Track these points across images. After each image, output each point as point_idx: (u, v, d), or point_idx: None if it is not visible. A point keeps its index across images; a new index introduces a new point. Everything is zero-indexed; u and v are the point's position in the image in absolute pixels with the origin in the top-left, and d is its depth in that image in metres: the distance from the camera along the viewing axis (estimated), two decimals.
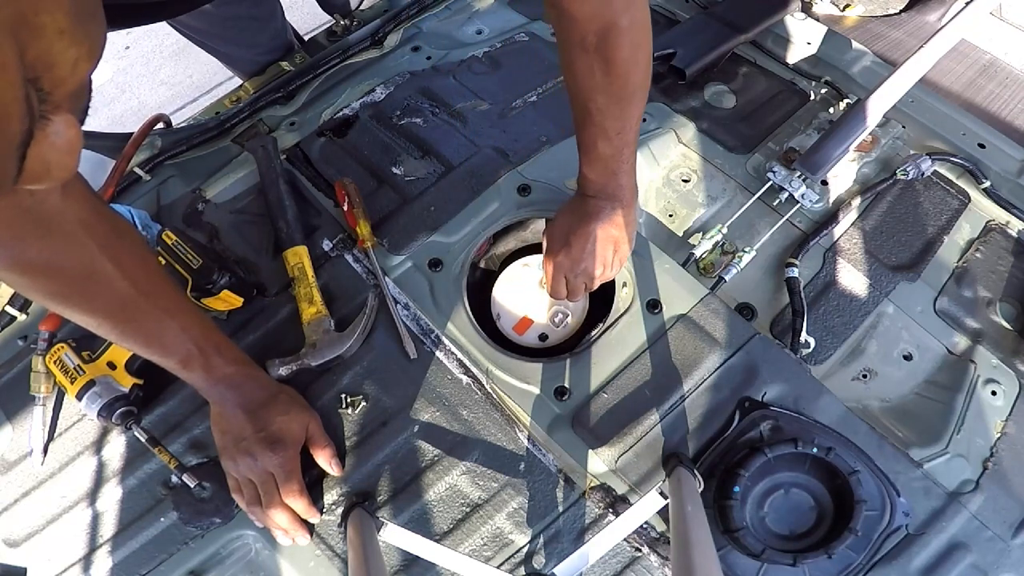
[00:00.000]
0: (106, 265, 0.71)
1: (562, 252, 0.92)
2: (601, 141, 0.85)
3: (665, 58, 1.21)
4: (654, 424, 0.87)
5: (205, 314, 0.92)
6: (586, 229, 0.90)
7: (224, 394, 0.84)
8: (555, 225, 0.94)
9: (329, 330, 0.95)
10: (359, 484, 0.89)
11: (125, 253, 0.73)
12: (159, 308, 0.77)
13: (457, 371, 0.95)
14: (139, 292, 0.74)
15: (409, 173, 1.12)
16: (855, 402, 0.94)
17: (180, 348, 0.80)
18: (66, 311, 0.72)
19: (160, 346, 0.79)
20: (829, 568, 0.80)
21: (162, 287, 0.78)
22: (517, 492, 0.88)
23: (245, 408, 0.84)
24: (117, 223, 0.74)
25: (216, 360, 0.82)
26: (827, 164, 1.06)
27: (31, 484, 0.93)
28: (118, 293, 0.73)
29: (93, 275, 0.70)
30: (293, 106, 1.25)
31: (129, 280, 0.73)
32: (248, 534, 0.87)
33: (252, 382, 0.86)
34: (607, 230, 0.91)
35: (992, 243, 1.08)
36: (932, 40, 1.11)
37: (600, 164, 0.88)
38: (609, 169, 0.88)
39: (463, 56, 1.29)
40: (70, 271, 0.69)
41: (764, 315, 1.00)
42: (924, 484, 0.85)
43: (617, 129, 0.84)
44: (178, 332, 0.79)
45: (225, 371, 0.83)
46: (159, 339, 0.79)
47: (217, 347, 0.83)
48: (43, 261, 0.66)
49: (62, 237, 0.67)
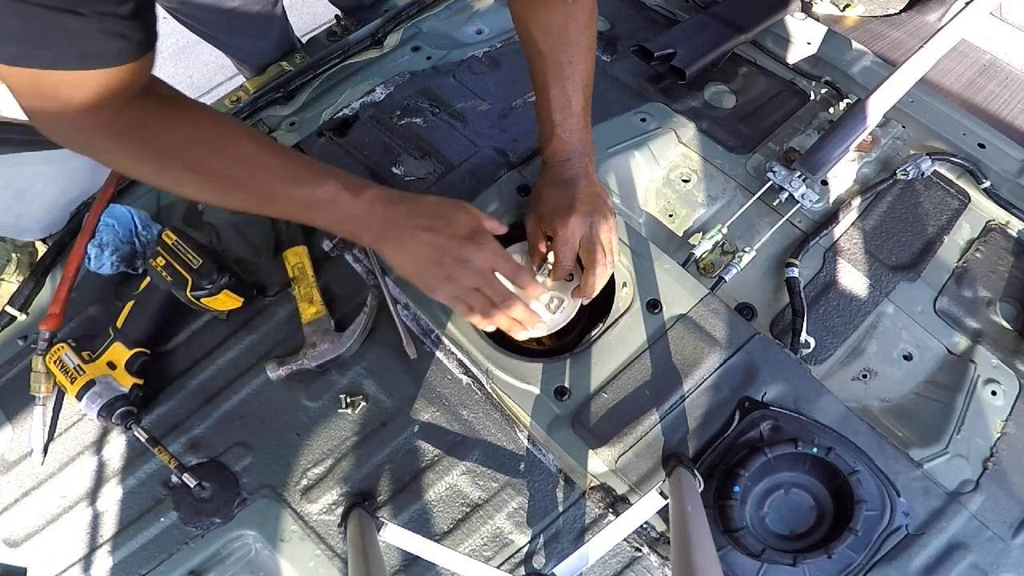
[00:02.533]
0: (231, 125, 0.77)
1: (568, 224, 0.88)
2: (575, 96, 0.88)
3: (665, 58, 1.21)
4: (654, 424, 0.87)
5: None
6: (579, 193, 0.89)
7: (388, 213, 0.79)
8: (543, 202, 0.91)
9: (329, 330, 0.95)
10: (359, 484, 0.89)
11: (234, 123, 0.79)
12: (288, 153, 0.79)
13: (457, 371, 0.95)
14: (263, 143, 0.77)
15: (409, 173, 1.12)
16: (855, 402, 0.94)
17: (320, 179, 0.77)
18: (203, 175, 0.75)
19: (298, 182, 0.77)
20: (829, 568, 0.80)
21: (279, 144, 0.81)
22: (517, 492, 0.88)
23: (418, 219, 0.80)
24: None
25: (356, 184, 0.79)
26: (827, 164, 1.06)
27: (31, 484, 0.93)
28: (246, 143, 0.76)
29: (222, 134, 0.75)
30: (293, 106, 1.25)
31: (251, 135, 0.78)
32: (248, 534, 0.88)
33: (400, 192, 0.82)
34: (593, 187, 0.91)
35: (992, 243, 1.08)
36: (932, 40, 1.11)
37: (573, 120, 0.89)
38: (581, 123, 0.90)
39: (463, 56, 1.29)
40: (203, 137, 0.74)
41: (764, 315, 1.00)
42: (924, 484, 0.85)
43: (586, 81, 0.88)
44: (313, 166, 0.79)
45: (373, 190, 0.79)
46: (295, 176, 0.77)
47: (349, 176, 0.79)
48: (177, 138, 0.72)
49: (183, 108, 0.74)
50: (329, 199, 0.77)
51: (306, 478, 0.90)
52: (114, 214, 1.03)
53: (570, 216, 0.88)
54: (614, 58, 1.30)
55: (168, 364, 0.99)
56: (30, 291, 1.04)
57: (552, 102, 0.89)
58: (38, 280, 1.05)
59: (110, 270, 1.02)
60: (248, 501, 0.89)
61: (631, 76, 1.26)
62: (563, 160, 0.91)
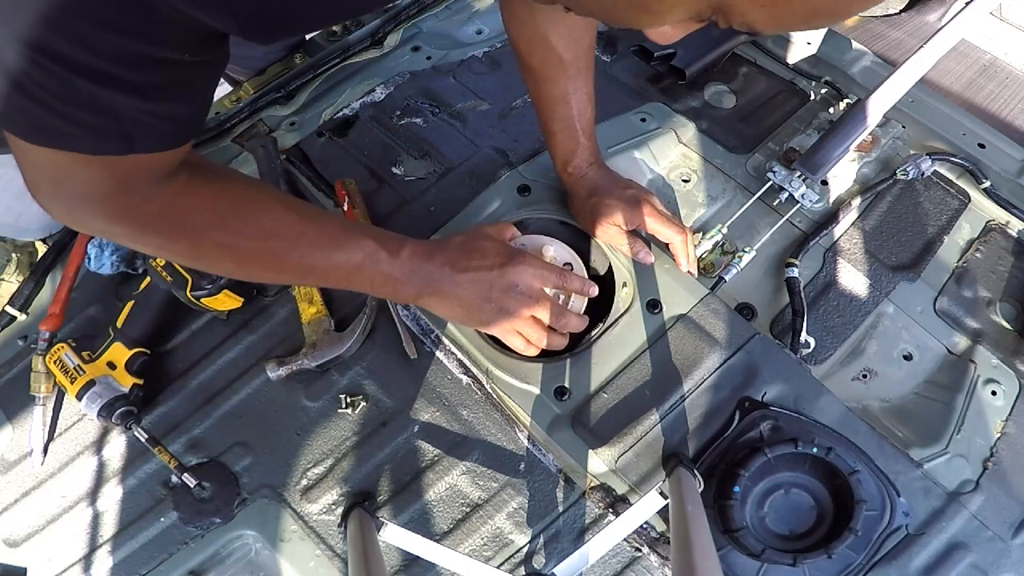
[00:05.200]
0: (263, 191, 0.75)
1: (631, 215, 0.93)
2: (591, 108, 0.92)
3: (665, 58, 1.21)
4: (654, 424, 0.87)
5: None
6: (625, 190, 0.96)
7: (427, 268, 0.80)
8: (605, 215, 0.94)
9: (329, 330, 0.95)
10: (359, 484, 0.89)
11: (265, 189, 0.78)
12: (321, 216, 0.77)
13: (457, 371, 0.95)
14: (296, 209, 0.74)
15: (409, 173, 1.12)
16: (855, 402, 0.94)
17: (358, 242, 0.76)
18: (239, 250, 0.71)
19: (337, 247, 0.75)
20: (829, 568, 0.80)
21: (309, 207, 0.79)
22: (517, 492, 0.88)
23: (455, 263, 0.81)
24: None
25: (393, 242, 0.79)
26: (827, 164, 1.05)
27: (31, 484, 0.93)
28: (280, 213, 0.73)
29: (254, 202, 0.71)
30: (293, 106, 1.25)
31: (284, 202, 0.75)
32: (248, 534, 0.88)
33: (432, 244, 0.83)
34: (617, 175, 0.99)
35: (992, 243, 1.08)
36: (932, 40, 1.11)
37: (590, 126, 0.94)
38: (593, 126, 0.95)
39: (463, 56, 1.29)
40: (235, 206, 0.69)
41: (764, 315, 1.00)
42: (924, 484, 0.85)
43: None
44: (348, 228, 0.78)
45: (410, 247, 0.80)
46: (334, 243, 0.75)
47: (383, 233, 0.79)
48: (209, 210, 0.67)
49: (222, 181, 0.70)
50: (369, 261, 0.77)
51: (306, 478, 0.90)
52: None
53: (639, 214, 0.93)
54: (614, 58, 1.30)
55: (168, 364, 0.99)
56: (30, 291, 1.04)
57: (574, 110, 0.90)
58: (38, 280, 1.05)
59: (110, 270, 1.02)
60: (248, 501, 0.89)
61: (631, 76, 1.26)
62: (590, 163, 0.95)
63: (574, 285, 0.87)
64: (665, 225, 0.94)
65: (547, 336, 0.85)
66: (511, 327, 0.84)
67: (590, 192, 0.96)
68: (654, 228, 0.94)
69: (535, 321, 0.84)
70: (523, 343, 0.85)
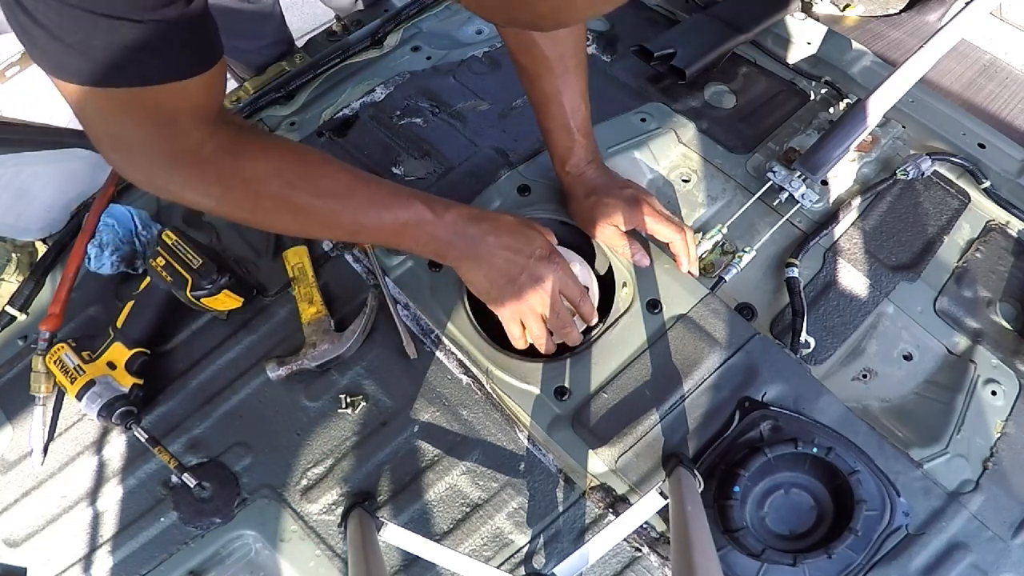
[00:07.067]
0: (310, 152, 0.76)
1: (629, 215, 0.94)
2: (585, 106, 0.92)
3: (665, 58, 1.21)
4: (654, 424, 0.87)
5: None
6: (624, 189, 0.96)
7: (472, 232, 0.82)
8: (604, 214, 0.95)
9: (329, 330, 0.95)
10: (359, 484, 0.89)
11: (314, 150, 0.79)
12: (370, 177, 0.80)
13: (457, 371, 0.95)
14: (348, 169, 0.78)
15: (409, 173, 1.12)
16: (855, 402, 0.94)
17: (406, 202, 0.79)
18: (297, 206, 0.74)
19: (386, 207, 0.78)
20: (829, 568, 0.80)
21: (356, 169, 0.81)
22: (517, 492, 0.88)
23: (500, 237, 0.83)
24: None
25: (439, 205, 0.81)
26: (827, 164, 1.05)
27: (31, 484, 0.93)
28: (333, 171, 0.76)
29: (308, 163, 0.75)
30: (293, 106, 1.25)
31: (334, 162, 0.77)
32: (248, 534, 0.88)
33: (479, 211, 0.85)
34: (615, 174, 0.98)
35: (992, 243, 1.08)
36: (932, 40, 1.11)
37: (585, 123, 0.94)
38: (589, 123, 0.95)
39: (463, 56, 1.29)
40: (290, 168, 0.73)
41: (764, 315, 1.00)
42: (924, 484, 0.85)
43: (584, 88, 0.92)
44: (397, 191, 0.80)
45: (456, 210, 0.82)
46: (383, 202, 0.78)
47: (431, 197, 0.82)
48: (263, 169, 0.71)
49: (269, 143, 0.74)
50: (415, 221, 0.80)
51: (306, 478, 0.90)
52: (114, 214, 1.03)
53: (638, 214, 0.93)
54: (614, 58, 1.30)
55: (168, 364, 0.99)
56: (30, 291, 1.04)
57: (567, 107, 0.90)
58: (38, 280, 1.05)
59: (110, 270, 1.02)
60: (248, 501, 0.89)
61: (631, 76, 1.26)
62: (588, 162, 0.95)
63: (585, 308, 0.90)
64: (664, 224, 0.94)
65: (544, 338, 0.88)
66: (519, 315, 0.86)
67: (588, 192, 0.96)
68: (653, 228, 0.94)
69: (541, 319, 0.87)
70: (520, 334, 0.88)
